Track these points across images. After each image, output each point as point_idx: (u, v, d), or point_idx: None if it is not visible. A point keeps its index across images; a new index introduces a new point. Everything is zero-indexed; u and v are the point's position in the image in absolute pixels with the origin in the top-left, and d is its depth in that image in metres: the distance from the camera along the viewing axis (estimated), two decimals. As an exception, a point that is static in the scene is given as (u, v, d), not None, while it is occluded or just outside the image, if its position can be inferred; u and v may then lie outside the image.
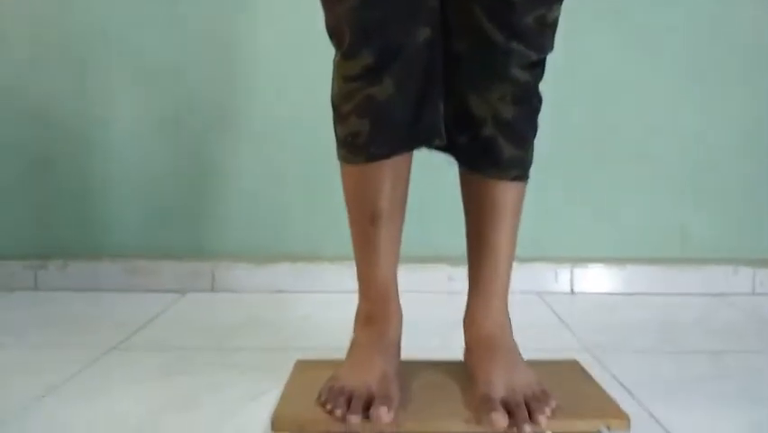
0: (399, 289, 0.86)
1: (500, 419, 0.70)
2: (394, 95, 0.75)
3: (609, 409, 0.75)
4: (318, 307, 1.36)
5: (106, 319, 1.27)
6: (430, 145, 0.80)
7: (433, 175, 1.34)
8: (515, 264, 0.86)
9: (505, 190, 0.81)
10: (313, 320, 1.26)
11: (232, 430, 0.78)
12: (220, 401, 0.87)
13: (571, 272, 1.47)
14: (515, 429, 0.70)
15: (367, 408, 0.72)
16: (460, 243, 0.88)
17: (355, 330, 0.85)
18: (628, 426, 0.72)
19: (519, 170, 0.82)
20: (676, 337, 1.16)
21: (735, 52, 1.48)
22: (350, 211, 0.84)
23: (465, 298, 0.87)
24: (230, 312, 1.34)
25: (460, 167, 0.85)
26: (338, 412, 0.71)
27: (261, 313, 1.32)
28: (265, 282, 1.48)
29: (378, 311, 0.83)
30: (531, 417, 0.70)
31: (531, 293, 1.45)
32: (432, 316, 1.23)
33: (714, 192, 1.50)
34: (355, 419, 0.70)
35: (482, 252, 0.83)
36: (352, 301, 0.88)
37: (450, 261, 1.45)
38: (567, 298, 1.44)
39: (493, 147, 0.80)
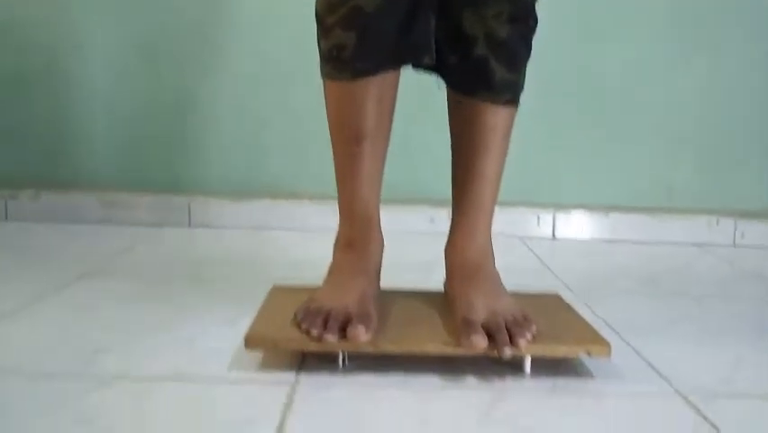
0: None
1: (480, 341, 0.68)
2: (382, 5, 0.71)
3: (591, 337, 0.74)
4: (298, 244, 1.33)
5: (79, 250, 1.24)
6: (419, 63, 0.77)
7: (417, 114, 1.31)
8: (496, 208, 0.84)
9: (495, 114, 0.79)
10: (292, 256, 1.24)
11: (205, 352, 0.76)
12: (193, 325, 0.85)
13: (554, 217, 1.46)
14: (494, 352, 0.69)
15: (344, 328, 0.70)
16: (443, 184, 0.86)
17: (334, 255, 0.83)
18: (609, 352, 0.71)
19: (511, 93, 0.79)
20: (658, 283, 1.16)
21: (723, 1, 1.45)
22: (333, 132, 0.80)
23: (447, 239, 0.85)
24: (206, 246, 1.31)
25: (449, 91, 0.82)
26: (314, 332, 0.70)
27: (239, 248, 1.29)
28: (243, 218, 1.44)
29: (358, 236, 0.81)
30: (511, 340, 0.69)
31: (513, 237, 1.44)
32: (412, 256, 1.21)
33: (698, 144, 1.48)
34: (331, 337, 0.69)
35: (468, 177, 0.81)
36: (333, 239, 0.85)
37: (432, 202, 1.43)
38: (549, 243, 1.43)
39: (485, 68, 0.76)
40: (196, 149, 1.47)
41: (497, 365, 0.75)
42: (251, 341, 0.71)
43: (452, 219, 0.84)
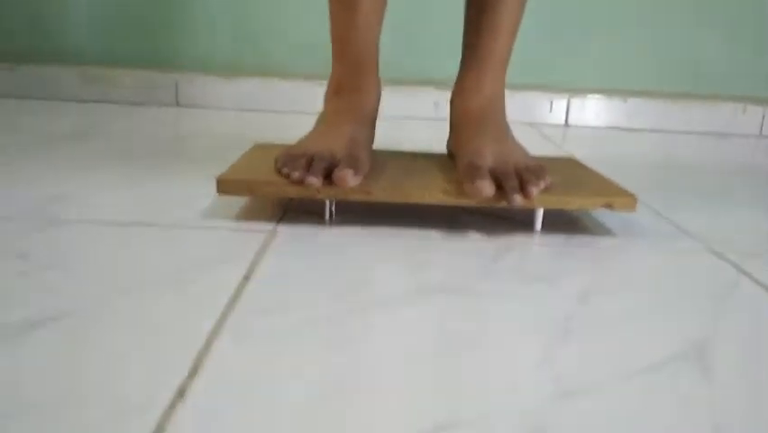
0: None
1: (486, 187, 0.59)
2: None
3: (613, 190, 0.65)
4: (291, 126, 1.23)
5: (54, 123, 1.14)
6: None
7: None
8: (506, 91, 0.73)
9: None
10: (283, 137, 1.14)
11: (174, 202, 0.68)
12: (164, 181, 0.76)
13: (568, 103, 1.34)
14: (502, 202, 0.61)
15: (330, 173, 0.61)
16: (448, 64, 0.75)
17: (324, 104, 0.73)
18: (634, 205, 0.62)
19: None
20: (678, 169, 1.06)
21: None
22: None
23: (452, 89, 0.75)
24: (192, 124, 1.21)
25: None
26: (295, 174, 0.61)
27: (227, 127, 1.19)
28: (233, 98, 1.34)
29: (352, 79, 0.71)
30: (522, 189, 0.60)
31: (523, 123, 1.33)
32: (414, 141, 1.11)
33: (728, 24, 1.35)
34: (315, 180, 0.60)
35: (482, 18, 0.70)
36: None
37: (437, 84, 1.32)
38: (561, 130, 1.33)
39: None
40: (184, 23, 1.35)
41: (503, 221, 0.67)
42: (223, 184, 0.62)
43: (461, 65, 0.74)
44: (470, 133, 0.68)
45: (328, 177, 0.61)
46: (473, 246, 0.60)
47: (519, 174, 0.62)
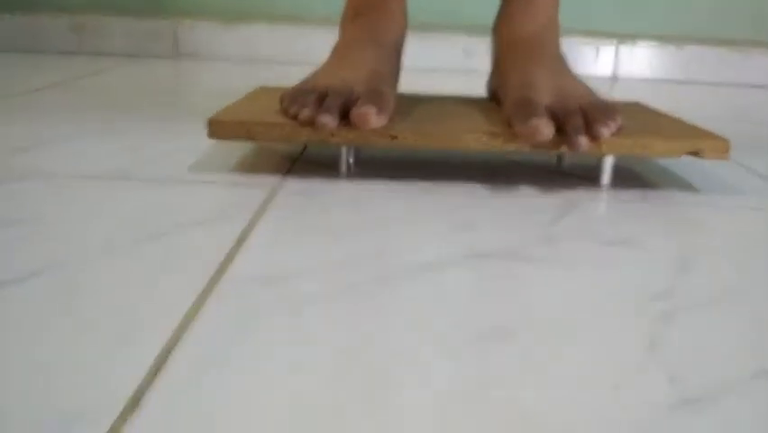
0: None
1: (543, 127, 0.46)
2: None
3: (699, 133, 0.52)
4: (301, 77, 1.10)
5: (36, 80, 1.02)
6: None
7: None
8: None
9: None
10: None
11: (159, 155, 0.56)
12: (156, 132, 0.65)
13: (616, 50, 1.20)
14: (563, 147, 0.48)
15: (347, 112, 0.49)
16: (479, 8, 0.61)
17: (340, 31, 0.60)
18: (728, 150, 0.49)
19: None
20: (749, 123, 0.92)
21: None
22: None
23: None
24: (191, 76, 1.08)
25: None
26: (304, 113, 0.48)
27: (230, 80, 1.07)
28: (237, 47, 1.21)
29: (372, 1, 0.58)
30: (589, 130, 0.47)
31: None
32: (442, 94, 0.98)
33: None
34: (328, 119, 0.47)
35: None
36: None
37: (466, 30, 1.18)
38: (608, 82, 1.19)
39: None
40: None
41: (560, 176, 0.54)
42: (215, 127, 0.49)
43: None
44: (519, 64, 0.54)
45: (345, 117, 0.48)
46: (529, 203, 0.48)
47: (584, 113, 0.49)
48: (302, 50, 1.18)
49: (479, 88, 0.69)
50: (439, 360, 0.27)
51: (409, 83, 0.66)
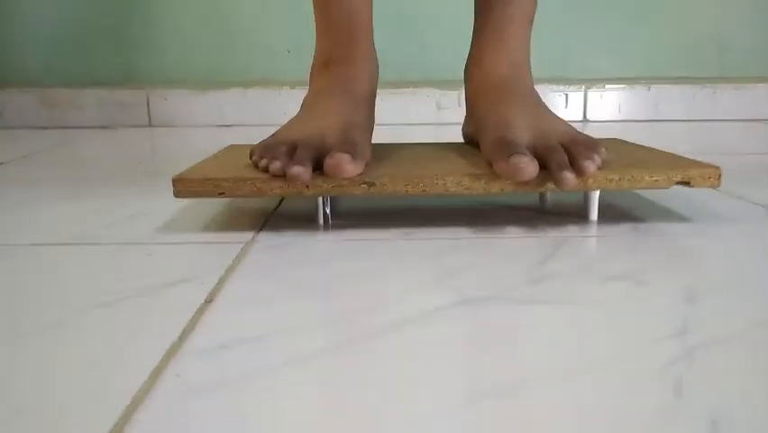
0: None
1: (526, 164, 0.44)
2: None
3: (687, 162, 0.51)
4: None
5: (6, 153, 1.00)
6: None
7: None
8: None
9: None
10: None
11: (136, 213, 0.53)
12: (123, 197, 0.62)
13: (585, 96, 1.21)
14: (546, 186, 0.46)
15: (320, 163, 0.46)
16: (450, 61, 0.61)
17: (310, 82, 0.59)
18: (719, 178, 0.48)
19: None
20: (728, 155, 0.92)
21: None
22: None
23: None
24: (165, 144, 1.06)
25: None
26: (275, 165, 0.46)
27: (205, 146, 1.05)
28: (211, 113, 1.20)
29: (343, 49, 0.56)
30: (574, 165, 0.46)
31: (537, 122, 1.19)
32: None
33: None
34: (300, 171, 0.45)
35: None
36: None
37: (438, 84, 1.18)
38: (580, 127, 1.19)
39: None
40: (152, 32, 1.22)
41: (545, 215, 0.53)
42: (181, 184, 0.47)
43: (475, 33, 0.60)
44: (494, 105, 0.53)
45: (319, 168, 0.46)
46: (517, 243, 0.45)
47: (567, 148, 0.47)
48: (277, 114, 1.17)
49: (454, 138, 0.68)
50: (432, 426, 0.24)
51: (383, 137, 0.65)
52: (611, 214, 0.52)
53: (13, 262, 0.43)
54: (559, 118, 0.53)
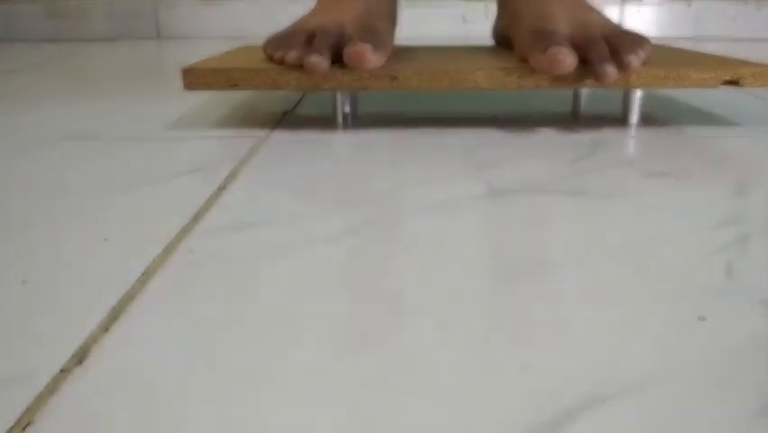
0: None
1: (564, 55, 0.40)
2: None
3: (736, 62, 0.46)
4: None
5: (15, 63, 0.97)
6: None
7: None
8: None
9: None
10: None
11: (143, 114, 0.51)
12: (130, 99, 0.59)
13: (621, 9, 1.14)
14: (586, 80, 0.42)
15: (339, 52, 0.43)
16: None
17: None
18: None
19: None
20: None
21: None
22: None
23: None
24: (171, 58, 1.02)
25: None
26: (291, 55, 0.43)
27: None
28: (221, 24, 1.15)
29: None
30: (615, 58, 0.42)
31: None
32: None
33: None
34: (319, 60, 0.41)
35: None
36: None
37: (464, -4, 1.12)
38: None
39: None
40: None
41: (583, 119, 0.49)
42: (191, 76, 0.44)
43: None
44: (533, 2, 0.48)
45: (338, 60, 0.43)
46: (553, 141, 0.42)
47: (609, 41, 0.43)
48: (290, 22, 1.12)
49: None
50: (457, 302, 0.22)
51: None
52: (652, 121, 0.48)
53: (33, 154, 0.40)
54: (601, 13, 0.48)
